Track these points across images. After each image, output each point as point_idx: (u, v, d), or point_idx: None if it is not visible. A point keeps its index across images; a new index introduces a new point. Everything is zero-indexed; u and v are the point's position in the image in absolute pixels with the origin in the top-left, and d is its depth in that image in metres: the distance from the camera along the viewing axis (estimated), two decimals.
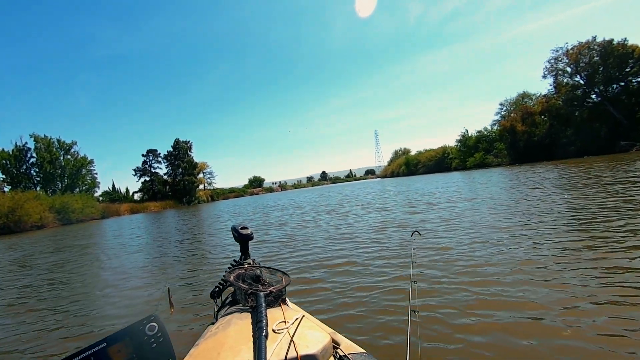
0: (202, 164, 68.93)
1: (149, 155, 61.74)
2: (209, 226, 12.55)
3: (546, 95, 36.92)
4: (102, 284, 4.93)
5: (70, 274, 5.95)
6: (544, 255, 3.49)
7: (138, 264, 6.31)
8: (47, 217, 30.54)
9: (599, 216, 4.92)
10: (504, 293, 2.65)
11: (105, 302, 3.90)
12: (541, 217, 5.45)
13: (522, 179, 13.54)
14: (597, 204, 5.81)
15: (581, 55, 31.56)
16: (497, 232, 4.81)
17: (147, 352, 0.66)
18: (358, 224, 7.52)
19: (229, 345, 0.75)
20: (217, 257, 5.82)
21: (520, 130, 36.58)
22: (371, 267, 3.89)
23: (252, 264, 1.35)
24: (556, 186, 9.55)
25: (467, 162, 47.09)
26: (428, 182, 23.32)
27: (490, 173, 23.47)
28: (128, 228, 16.82)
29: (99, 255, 7.95)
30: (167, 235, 11.23)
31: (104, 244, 10.85)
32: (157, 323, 0.71)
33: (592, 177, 10.32)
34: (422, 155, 66.27)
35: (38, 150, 47.28)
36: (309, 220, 9.69)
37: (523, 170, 19.87)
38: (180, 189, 59.39)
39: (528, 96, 44.82)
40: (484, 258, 3.64)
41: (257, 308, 0.87)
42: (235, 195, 75.04)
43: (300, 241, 6.30)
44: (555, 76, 34.43)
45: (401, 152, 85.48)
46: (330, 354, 0.80)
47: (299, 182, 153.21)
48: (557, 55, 33.59)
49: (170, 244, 8.72)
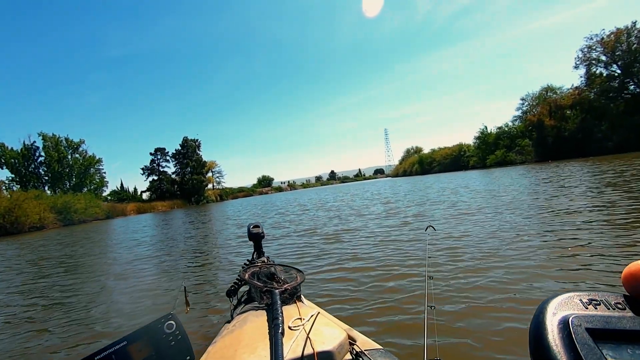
0: (211, 163, 67.83)
1: (157, 154, 60.76)
2: (221, 226, 11.07)
3: (578, 87, 34.28)
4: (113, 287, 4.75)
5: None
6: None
7: (151, 265, 6.06)
8: (47, 217, 29.19)
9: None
10: (527, 292, 2.57)
11: (120, 303, 3.86)
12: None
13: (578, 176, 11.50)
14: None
15: (618, 43, 29.05)
16: (522, 228, 4.69)
17: (165, 350, 0.66)
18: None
19: (245, 342, 0.77)
20: (231, 255, 5.76)
21: (549, 125, 34.08)
22: (387, 262, 3.86)
23: (266, 262, 1.33)
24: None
25: (487, 160, 44.82)
26: (451, 180, 21.26)
27: (526, 172, 21.24)
28: (129, 232, 15.23)
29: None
30: (176, 235, 10.49)
31: (87, 254, 9.21)
32: (174, 321, 0.70)
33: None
34: (437, 154, 64.13)
35: (46, 149, 46.81)
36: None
37: (561, 168, 17.68)
38: (188, 188, 58.23)
39: (552, 90, 42.33)
40: (505, 254, 3.56)
41: (273, 305, 0.88)
42: (245, 195, 74.09)
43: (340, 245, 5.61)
44: (588, 66, 31.89)
45: (413, 151, 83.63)
46: (346, 350, 0.81)
47: (308, 181, 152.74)
48: (592, 44, 31.05)
49: (182, 244, 8.49)
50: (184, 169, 59.96)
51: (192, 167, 59.94)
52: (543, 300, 0.28)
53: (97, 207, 38.08)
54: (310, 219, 9.79)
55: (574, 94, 34.10)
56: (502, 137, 45.15)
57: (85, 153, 51.14)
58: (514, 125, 45.02)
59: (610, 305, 0.28)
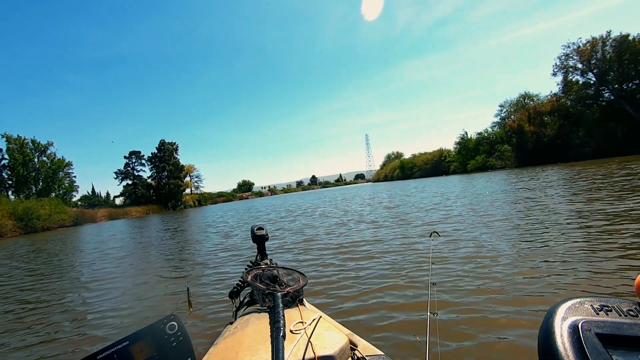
0: (189, 167, 65.67)
1: (132, 157, 58.25)
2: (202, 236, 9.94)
3: (556, 94, 35.00)
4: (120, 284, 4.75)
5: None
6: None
7: (154, 265, 6.10)
8: (5, 224, 26.96)
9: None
10: (529, 297, 2.53)
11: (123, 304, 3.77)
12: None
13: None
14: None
15: (594, 51, 29.82)
16: (521, 232, 4.67)
17: (167, 351, 0.67)
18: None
19: (247, 344, 0.77)
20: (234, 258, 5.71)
21: (529, 130, 34.58)
22: (390, 268, 3.77)
23: (269, 265, 1.34)
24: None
25: (468, 165, 45.23)
26: (435, 185, 20.90)
27: (507, 177, 21.14)
28: (92, 242, 13.87)
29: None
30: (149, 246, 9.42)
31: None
32: (176, 322, 0.70)
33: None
34: (418, 159, 64.54)
35: (10, 151, 43.95)
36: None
37: (551, 174, 17.60)
38: (165, 192, 56.04)
39: (530, 97, 43.33)
40: (508, 259, 3.50)
41: (275, 308, 0.88)
42: (224, 200, 72.45)
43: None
44: (565, 74, 32.60)
45: (394, 156, 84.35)
46: (347, 356, 0.80)
47: (289, 186, 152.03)
48: (569, 52, 31.77)
49: (183, 246, 8.31)
50: (161, 173, 57.67)
51: (169, 171, 57.73)
52: (553, 305, 0.28)
53: (63, 213, 35.74)
54: (309, 227, 8.92)
55: (552, 100, 34.77)
56: (482, 142, 45.71)
57: (53, 156, 48.72)
58: (493, 131, 45.71)
59: (622, 311, 0.27)
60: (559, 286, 2.65)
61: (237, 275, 4.21)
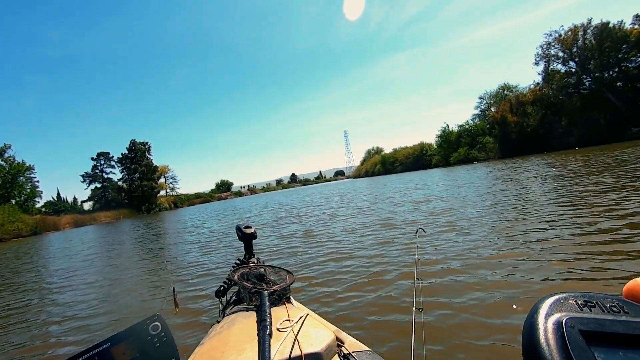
0: (163, 168, 62.58)
1: (101, 158, 54.73)
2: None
3: (538, 83, 34.85)
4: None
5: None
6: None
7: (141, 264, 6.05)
8: None
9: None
10: (516, 293, 2.46)
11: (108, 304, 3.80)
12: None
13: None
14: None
15: (575, 40, 29.66)
16: (507, 228, 4.50)
17: (151, 352, 0.65)
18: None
19: (233, 344, 0.76)
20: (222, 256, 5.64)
21: (512, 121, 34.28)
22: (376, 264, 3.74)
23: (256, 263, 1.33)
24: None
25: (451, 157, 44.92)
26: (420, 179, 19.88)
27: (492, 170, 20.33)
28: (41, 257, 11.86)
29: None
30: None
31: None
32: (160, 322, 0.69)
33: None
34: (399, 153, 64.24)
35: None
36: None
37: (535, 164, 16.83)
38: (137, 195, 52.88)
39: (509, 88, 43.47)
40: (494, 254, 3.47)
41: (261, 307, 0.87)
42: (202, 201, 69.74)
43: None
44: (547, 63, 32.42)
45: (374, 151, 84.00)
46: (334, 352, 0.80)
47: (269, 185, 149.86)
48: (550, 41, 31.56)
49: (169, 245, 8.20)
50: (132, 175, 54.38)
51: (141, 173, 54.52)
52: (538, 300, 0.28)
53: (19, 221, 32.53)
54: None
55: (534, 90, 34.62)
56: (463, 135, 45.50)
57: (12, 160, 44.72)
58: (474, 123, 45.57)
59: (605, 307, 0.27)
60: (548, 278, 2.62)
61: (224, 275, 3.85)
